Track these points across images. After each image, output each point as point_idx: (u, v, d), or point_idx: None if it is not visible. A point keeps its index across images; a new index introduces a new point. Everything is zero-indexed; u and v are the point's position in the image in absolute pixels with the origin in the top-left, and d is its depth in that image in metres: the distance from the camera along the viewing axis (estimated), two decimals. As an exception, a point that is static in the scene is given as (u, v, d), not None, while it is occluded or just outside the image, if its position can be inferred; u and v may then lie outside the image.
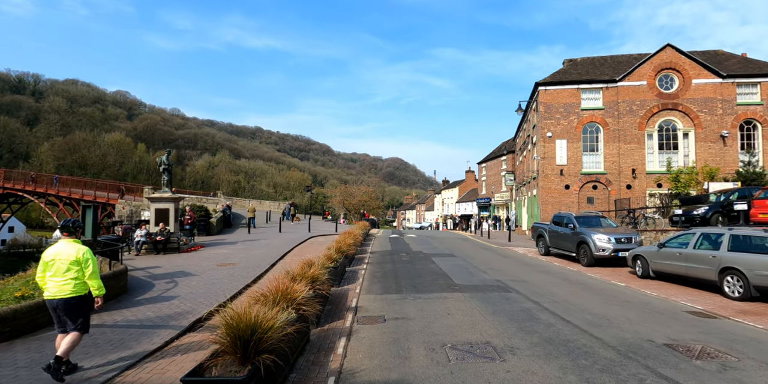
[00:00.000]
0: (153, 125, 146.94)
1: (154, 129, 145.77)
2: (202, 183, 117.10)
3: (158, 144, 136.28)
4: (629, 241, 13.63)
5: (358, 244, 15.89)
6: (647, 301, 8.55)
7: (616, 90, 23.96)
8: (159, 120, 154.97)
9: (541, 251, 17.14)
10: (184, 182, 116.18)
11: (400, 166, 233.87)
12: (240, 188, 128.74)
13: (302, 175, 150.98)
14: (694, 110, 23.22)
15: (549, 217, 24.03)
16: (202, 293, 8.81)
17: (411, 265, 12.84)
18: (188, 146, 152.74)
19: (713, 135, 23.01)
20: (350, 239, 13.30)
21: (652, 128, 23.70)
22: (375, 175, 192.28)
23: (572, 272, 12.42)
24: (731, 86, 23.28)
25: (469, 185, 69.38)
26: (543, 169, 24.21)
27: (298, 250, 17.02)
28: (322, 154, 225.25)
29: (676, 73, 23.75)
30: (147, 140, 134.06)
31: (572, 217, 15.31)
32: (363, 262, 13.66)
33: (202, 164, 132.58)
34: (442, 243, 21.68)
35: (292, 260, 14.37)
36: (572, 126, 24.20)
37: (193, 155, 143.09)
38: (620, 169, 23.51)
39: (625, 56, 27.09)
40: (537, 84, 24.63)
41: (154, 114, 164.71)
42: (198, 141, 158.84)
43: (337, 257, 9.89)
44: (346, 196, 47.07)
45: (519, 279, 10.66)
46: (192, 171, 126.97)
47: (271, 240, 20.30)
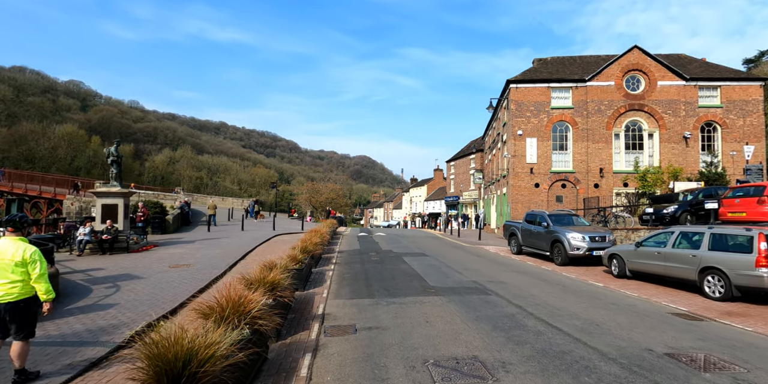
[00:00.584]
0: (109, 117, 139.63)
1: (110, 121, 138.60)
2: (162, 179, 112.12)
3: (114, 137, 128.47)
4: (603, 240, 13.41)
5: (325, 242, 15.01)
6: (631, 302, 8.16)
7: (585, 89, 24.08)
8: (116, 112, 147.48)
9: (513, 250, 16.80)
10: (142, 178, 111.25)
11: (368, 164, 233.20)
12: (202, 184, 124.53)
13: (268, 171, 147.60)
14: (659, 111, 23.65)
15: (519, 215, 23.93)
16: (146, 300, 7.73)
17: (382, 266, 12.10)
18: (148, 140, 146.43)
19: (676, 136, 23.50)
20: (317, 238, 12.41)
21: (619, 128, 23.97)
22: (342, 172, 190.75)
23: (548, 272, 12.03)
24: (693, 89, 23.86)
25: (437, 183, 69.46)
26: (513, 167, 24.05)
27: (260, 250, 15.95)
28: (288, 151, 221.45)
29: (642, 75, 24.12)
30: (102, 133, 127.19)
31: (546, 215, 15.01)
32: (330, 263, 12.80)
33: (162, 159, 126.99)
34: (412, 241, 21.08)
35: (253, 260, 13.33)
36: (542, 124, 24.15)
37: (152, 150, 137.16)
38: (588, 168, 23.65)
39: (594, 57, 27.36)
40: (509, 81, 24.43)
41: (110, 106, 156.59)
42: (158, 135, 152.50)
43: (302, 258, 9.01)
44: (313, 193, 45.83)
45: (496, 280, 10.12)
46: (151, 166, 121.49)
47: (232, 239, 19.09)
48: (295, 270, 7.73)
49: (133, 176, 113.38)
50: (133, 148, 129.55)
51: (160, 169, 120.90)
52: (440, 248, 18.19)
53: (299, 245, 10.15)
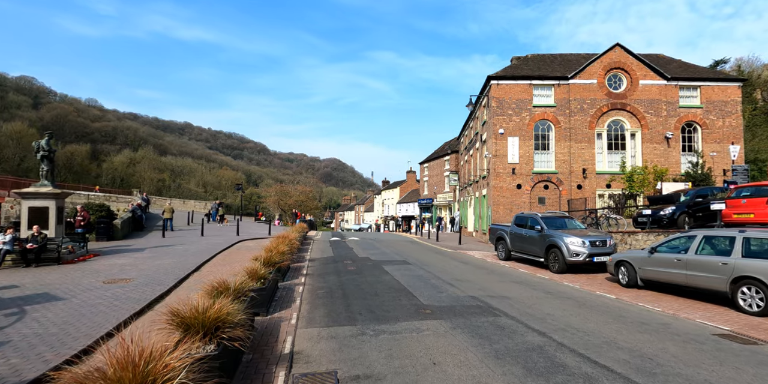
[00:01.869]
0: (64, 116, 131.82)
1: (65, 120, 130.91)
2: (121, 181, 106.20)
3: (69, 136, 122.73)
4: (604, 245, 12.23)
5: (294, 250, 13.19)
6: (661, 320, 6.85)
7: (567, 87, 23.24)
8: (71, 110, 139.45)
9: (501, 256, 15.48)
10: (100, 180, 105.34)
11: (338, 166, 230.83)
12: (164, 187, 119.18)
13: (235, 173, 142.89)
14: (641, 111, 23.06)
15: (501, 218, 22.79)
16: (52, 334, 5.78)
17: (361, 277, 10.43)
18: (106, 140, 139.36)
19: (658, 136, 22.96)
20: (284, 245, 10.62)
21: (601, 128, 23.23)
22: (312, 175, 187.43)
23: (547, 282, 10.68)
24: (674, 89, 23.42)
25: (410, 186, 68.27)
26: (495, 167, 22.89)
27: (220, 258, 13.98)
28: (257, 153, 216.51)
29: (624, 74, 23.50)
30: (56, 132, 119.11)
31: (539, 218, 13.74)
32: (300, 274, 11.02)
33: (121, 160, 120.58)
34: (390, 247, 19.49)
35: (210, 272, 11.40)
36: (524, 123, 23.12)
37: (111, 150, 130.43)
38: (571, 168, 22.77)
39: (574, 55, 26.69)
40: (489, 77, 23.30)
41: (66, 103, 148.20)
42: (118, 135, 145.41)
43: (266, 272, 7.25)
44: (281, 195, 43.56)
45: (496, 294, 8.64)
46: (109, 167, 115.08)
47: (189, 245, 16.97)
48: (255, 291, 5.98)
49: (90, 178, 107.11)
50: (90, 148, 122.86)
51: (119, 170, 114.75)
52: (421, 254, 16.68)
53: (263, 256, 8.37)
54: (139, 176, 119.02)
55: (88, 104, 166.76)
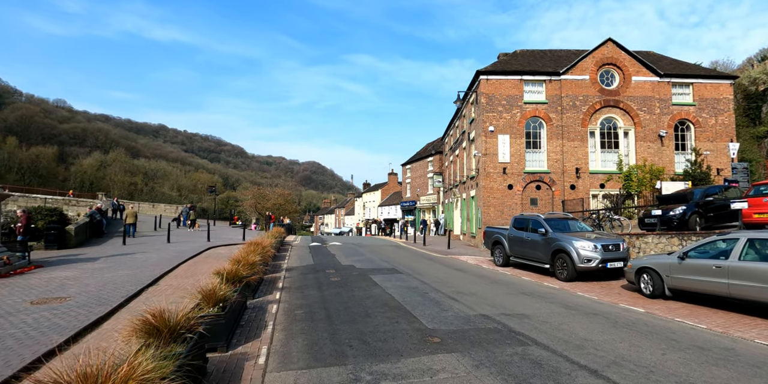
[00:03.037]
0: (29, 116, 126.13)
1: (30, 121, 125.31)
2: (90, 184, 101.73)
3: (35, 138, 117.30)
4: (617, 249, 11.00)
5: (268, 258, 11.53)
6: (722, 344, 5.55)
7: (559, 83, 22.24)
8: (37, 111, 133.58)
9: (498, 261, 14.15)
10: (67, 183, 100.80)
11: (317, 170, 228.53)
12: (137, 190, 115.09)
13: (211, 177, 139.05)
14: (634, 108, 22.23)
15: (492, 220, 21.55)
16: None
17: (347, 291, 8.88)
18: (75, 142, 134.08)
19: (652, 134, 22.16)
20: (256, 254, 9.00)
21: (594, 125, 22.30)
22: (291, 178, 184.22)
23: (559, 293, 9.36)
24: (667, 86, 22.70)
25: (391, 188, 66.92)
26: (485, 166, 21.66)
27: (184, 269, 12.23)
28: (234, 156, 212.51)
29: (616, 70, 22.66)
30: (20, 133, 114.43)
31: (542, 219, 12.46)
32: (275, 288, 9.39)
33: (91, 163, 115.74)
34: (375, 253, 17.98)
35: (169, 286, 9.69)
36: (515, 120, 22.00)
37: (80, 153, 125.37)
38: (564, 168, 21.73)
39: (564, 51, 25.80)
40: (479, 72, 22.11)
41: (31, 104, 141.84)
42: (88, 137, 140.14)
43: (228, 292, 5.64)
44: (259, 198, 41.47)
45: (510, 310, 7.24)
46: (78, 171, 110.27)
47: (152, 254, 15.11)
48: (209, 323, 4.39)
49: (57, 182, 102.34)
50: (57, 150, 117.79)
51: (88, 173, 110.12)
52: (411, 261, 15.22)
53: (228, 269, 6.74)
54: (110, 180, 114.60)
55: (56, 105, 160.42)
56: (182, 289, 9.24)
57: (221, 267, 7.05)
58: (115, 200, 27.05)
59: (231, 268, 6.74)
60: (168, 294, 8.77)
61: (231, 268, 6.78)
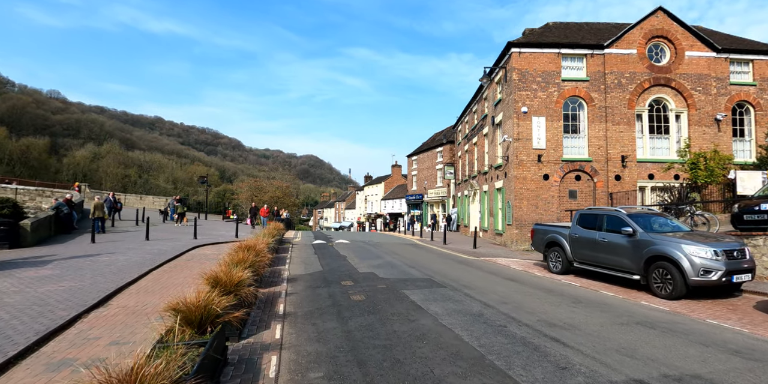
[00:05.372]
0: (21, 107, 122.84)
1: (23, 111, 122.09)
2: (84, 177, 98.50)
3: (27, 129, 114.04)
4: (743, 257, 8.06)
5: (264, 264, 8.53)
6: None
7: (602, 58, 19.21)
8: (29, 101, 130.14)
9: (554, 268, 11.22)
10: (60, 175, 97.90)
11: (315, 163, 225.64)
12: (131, 183, 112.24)
13: (208, 169, 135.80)
14: (688, 88, 19.24)
15: (524, 215, 18.61)
16: None
17: (382, 323, 5.87)
18: (69, 134, 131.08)
19: (708, 118, 19.20)
20: (245, 265, 6.05)
21: (642, 107, 19.31)
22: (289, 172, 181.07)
23: (695, 324, 6.43)
24: (725, 63, 19.70)
25: (395, 181, 63.95)
26: (516, 153, 18.68)
27: (154, 278, 9.27)
28: (231, 149, 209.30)
29: (667, 43, 19.62)
30: (11, 124, 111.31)
31: (624, 215, 9.50)
32: (274, 316, 6.38)
33: (84, 155, 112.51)
34: (393, 254, 15.05)
35: (122, 308, 6.74)
36: (552, 100, 18.99)
37: (74, 145, 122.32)
38: (608, 155, 18.77)
39: (603, 24, 22.72)
40: (510, 44, 19.05)
41: (24, 94, 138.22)
42: (82, 128, 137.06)
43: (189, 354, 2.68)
44: (255, 191, 38.48)
45: (672, 369, 4.33)
46: (71, 162, 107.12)
47: (121, 255, 12.15)
48: None
49: (50, 174, 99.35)
50: (49, 141, 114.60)
51: (81, 165, 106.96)
52: (441, 266, 12.28)
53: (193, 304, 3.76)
54: (103, 172, 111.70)
55: (49, 96, 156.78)
56: (139, 315, 6.30)
57: (177, 302, 4.04)
58: (110, 196, 23.18)
59: (195, 304, 3.77)
60: (114, 324, 5.83)
61: (196, 301, 3.80)
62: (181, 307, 3.68)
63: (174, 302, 3.77)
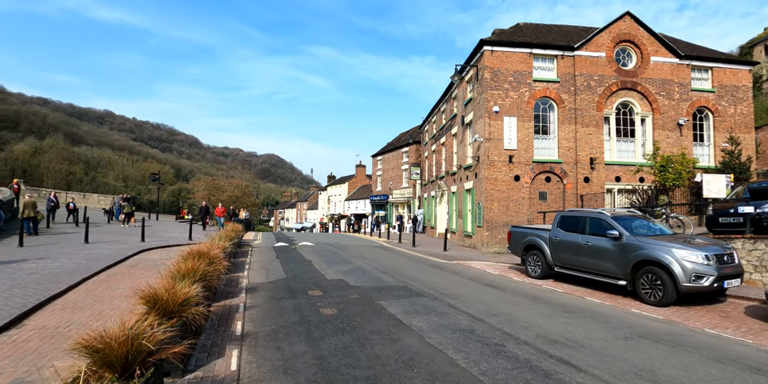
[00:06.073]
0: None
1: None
2: (23, 173, 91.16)
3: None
4: (732, 261, 7.76)
5: (219, 274, 7.41)
6: None
7: (572, 60, 19.15)
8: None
9: (533, 272, 10.70)
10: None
11: (277, 162, 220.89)
12: (76, 180, 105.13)
13: (162, 167, 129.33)
14: (653, 92, 19.52)
15: (495, 217, 18.21)
16: None
17: (361, 346, 4.94)
18: (6, 126, 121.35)
19: (671, 122, 19.55)
20: (195, 277, 5.00)
21: (610, 110, 19.41)
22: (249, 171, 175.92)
23: (689, 334, 5.95)
24: (686, 69, 20.15)
25: (359, 181, 63.00)
26: (488, 153, 18.26)
27: (89, 288, 7.94)
28: (188, 146, 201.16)
29: (634, 48, 19.84)
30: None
31: (608, 217, 9.07)
32: (230, 338, 5.33)
33: (23, 149, 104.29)
34: (362, 258, 14.16)
35: (40, 330, 5.48)
36: (523, 101, 18.72)
37: (12, 138, 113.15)
38: (577, 157, 18.70)
39: (572, 27, 22.79)
40: (482, 42, 18.62)
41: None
42: (22, 121, 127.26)
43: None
44: (212, 190, 36.45)
45: None
46: (8, 157, 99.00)
47: (52, 261, 10.59)
48: None
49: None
50: None
51: (20, 160, 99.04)
52: (414, 270, 11.51)
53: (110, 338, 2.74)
54: (45, 168, 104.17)
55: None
56: (60, 339, 5.09)
57: (143, 289, 2.98)
58: (51, 195, 20.93)
59: (123, 334, 2.74)
60: (25, 352, 4.61)
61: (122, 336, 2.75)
62: (97, 343, 2.66)
63: (89, 336, 2.72)
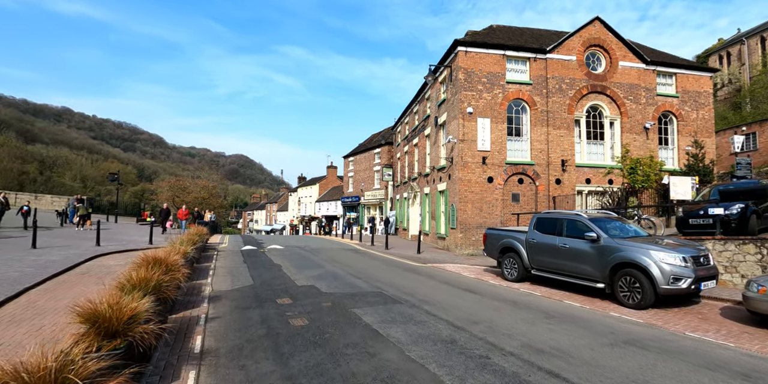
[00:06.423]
0: None
1: None
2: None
3: None
4: (708, 262, 7.76)
5: (177, 282, 6.76)
6: None
7: (544, 63, 19.30)
8: None
9: (510, 276, 10.51)
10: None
11: (245, 163, 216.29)
12: (29, 180, 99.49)
13: (124, 167, 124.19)
14: (621, 96, 19.92)
15: (469, 218, 18.07)
16: None
17: (335, 363, 4.46)
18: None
19: (638, 126, 20.00)
20: (147, 290, 4.43)
21: (580, 113, 19.66)
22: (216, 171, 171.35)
23: (674, 338, 5.80)
24: (652, 74, 20.69)
25: (330, 182, 62.23)
26: (462, 155, 18.12)
27: (29, 301, 7.13)
28: (152, 146, 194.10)
29: (603, 52, 20.20)
30: None
31: (586, 219, 8.96)
32: (188, 358, 4.78)
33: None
34: (334, 261, 13.66)
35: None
36: (497, 102, 18.70)
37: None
38: (549, 159, 18.82)
39: (543, 30, 23.05)
40: (456, 42, 18.49)
41: None
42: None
43: None
44: (177, 191, 34.97)
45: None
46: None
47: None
48: None
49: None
50: None
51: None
52: (389, 275, 11.13)
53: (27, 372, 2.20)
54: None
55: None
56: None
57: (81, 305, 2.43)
58: (0, 197, 19.44)
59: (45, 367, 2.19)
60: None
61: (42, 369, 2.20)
62: (11, 381, 2.09)
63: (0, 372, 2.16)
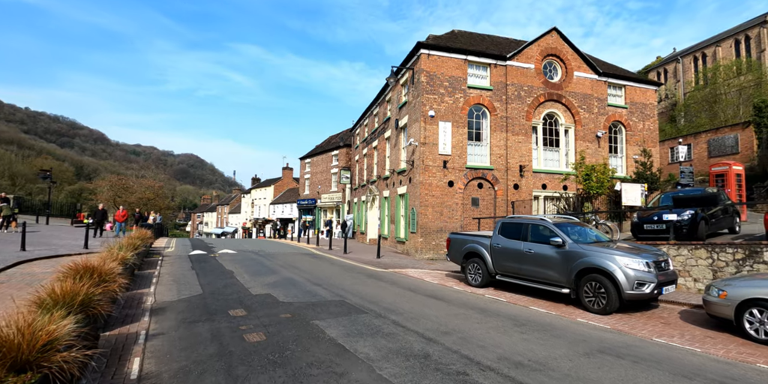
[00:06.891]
0: None
1: None
2: None
3: None
4: (668, 267, 7.88)
5: (113, 294, 5.93)
6: None
7: (504, 69, 19.58)
8: None
9: (474, 281, 10.33)
10: None
11: (196, 163, 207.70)
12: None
13: (60, 164, 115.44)
14: (576, 105, 20.59)
15: (430, 222, 17.89)
16: None
17: (294, 381, 4.03)
18: None
19: (590, 134, 20.73)
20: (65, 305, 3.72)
21: (538, 120, 20.09)
22: (164, 171, 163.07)
23: (643, 344, 5.72)
24: (604, 85, 21.57)
25: (286, 184, 60.69)
26: (423, 158, 17.95)
27: None
28: (93, 142, 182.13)
29: (559, 62, 20.81)
30: None
31: (551, 225, 8.91)
32: None
33: None
34: (291, 267, 12.97)
35: None
36: (458, 106, 18.72)
37: None
38: (507, 165, 19.06)
39: (503, 38, 23.45)
40: (419, 44, 18.34)
41: None
42: None
43: None
44: (119, 191, 32.58)
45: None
46: None
47: None
48: None
49: None
50: None
51: None
52: (348, 281, 10.63)
53: None
54: None
55: None
56: None
57: None
58: None
59: None
60: None
61: None
62: None
63: None
